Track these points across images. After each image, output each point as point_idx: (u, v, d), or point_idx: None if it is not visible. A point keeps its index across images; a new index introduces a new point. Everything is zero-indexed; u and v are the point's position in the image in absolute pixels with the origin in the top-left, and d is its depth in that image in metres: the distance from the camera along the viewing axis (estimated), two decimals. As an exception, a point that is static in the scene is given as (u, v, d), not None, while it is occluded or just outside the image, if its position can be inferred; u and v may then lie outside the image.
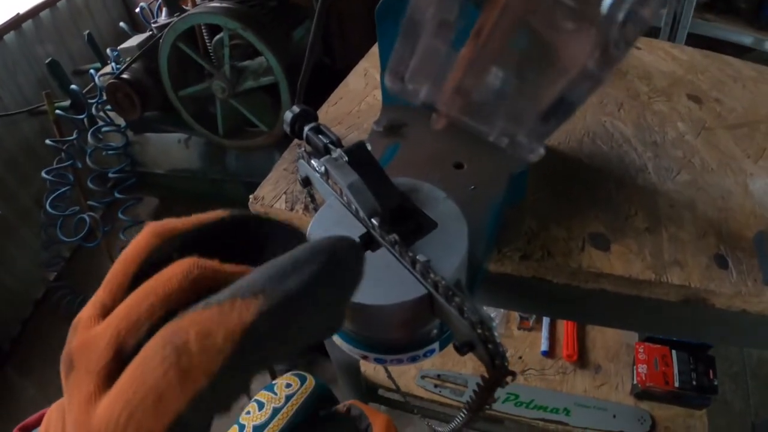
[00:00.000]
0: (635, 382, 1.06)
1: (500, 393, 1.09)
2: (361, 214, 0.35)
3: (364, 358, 0.37)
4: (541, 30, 0.18)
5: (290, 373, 0.94)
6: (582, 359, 1.15)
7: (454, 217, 0.35)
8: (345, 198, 0.37)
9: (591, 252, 0.53)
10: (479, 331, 0.28)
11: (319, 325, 0.18)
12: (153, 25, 1.53)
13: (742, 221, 0.59)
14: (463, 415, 0.42)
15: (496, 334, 0.28)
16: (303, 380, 0.90)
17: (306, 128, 0.46)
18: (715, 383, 1.03)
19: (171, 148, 1.74)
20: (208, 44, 1.46)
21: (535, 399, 1.07)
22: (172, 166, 1.75)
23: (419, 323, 0.33)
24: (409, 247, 0.33)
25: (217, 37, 1.41)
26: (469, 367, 1.15)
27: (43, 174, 1.65)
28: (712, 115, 0.76)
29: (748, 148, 0.70)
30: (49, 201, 1.66)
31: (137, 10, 1.81)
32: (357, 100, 0.79)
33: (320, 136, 0.44)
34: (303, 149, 0.44)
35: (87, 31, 1.79)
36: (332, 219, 0.37)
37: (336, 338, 0.37)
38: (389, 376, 0.84)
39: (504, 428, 1.10)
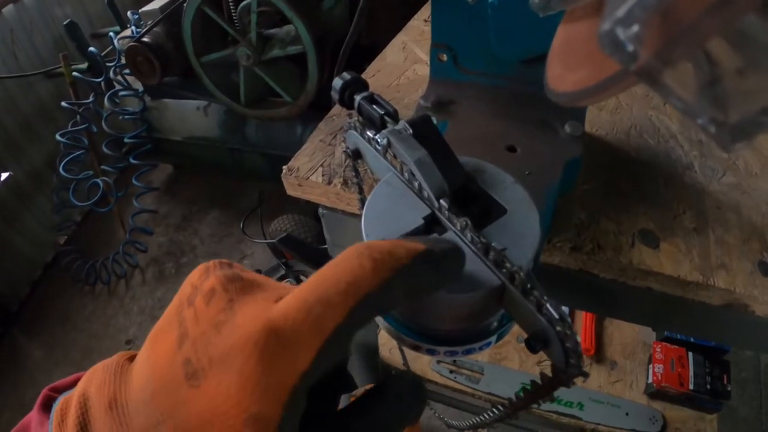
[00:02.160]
0: (650, 381, 1.06)
1: (515, 385, 1.08)
2: (426, 193, 0.33)
3: (416, 348, 0.35)
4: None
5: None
6: (599, 354, 1.14)
7: (525, 203, 0.33)
8: (406, 174, 0.35)
9: (641, 249, 0.51)
10: (558, 328, 0.26)
11: (440, 282, 0.24)
12: (178, -11, 1.50)
13: (788, 228, 0.57)
14: (496, 412, 0.41)
15: (574, 331, 0.26)
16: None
17: (358, 97, 0.43)
18: (729, 388, 1.02)
19: (189, 115, 1.72)
20: (233, 10, 1.43)
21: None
22: (190, 134, 1.73)
23: (483, 316, 0.32)
24: (480, 232, 0.31)
25: (244, 2, 1.37)
26: (486, 355, 1.14)
27: (58, 137, 1.64)
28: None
29: (790, 152, 0.68)
30: (62, 164, 1.65)
31: (160, -29, 1.77)
32: (396, 73, 0.77)
33: (374, 106, 0.42)
34: (356, 119, 0.42)
35: (107, -8, 1.75)
36: (391, 197, 0.35)
37: (386, 325, 0.36)
38: (404, 362, 0.83)
39: (517, 420, 1.09)
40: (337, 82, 0.46)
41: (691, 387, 1.03)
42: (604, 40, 0.16)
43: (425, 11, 0.94)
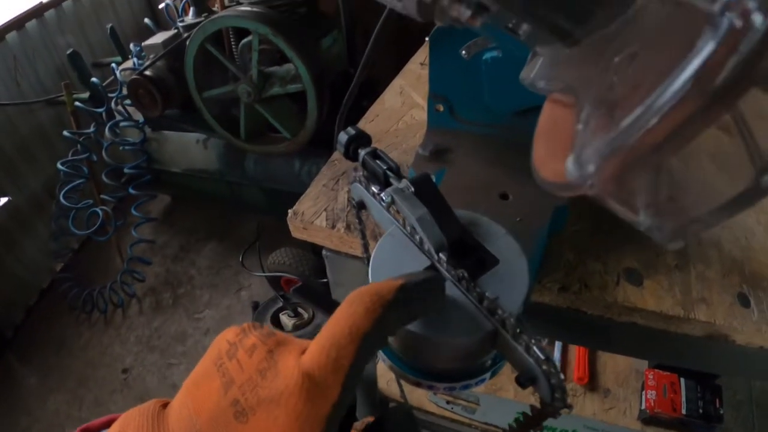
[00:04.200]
0: (643, 407, 1.09)
1: (510, 414, 1.11)
2: (427, 246, 0.37)
3: (417, 384, 0.39)
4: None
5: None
6: (592, 382, 1.18)
7: (515, 253, 0.38)
8: (408, 228, 0.39)
9: (625, 287, 0.55)
10: (544, 367, 0.30)
11: (427, 307, 0.31)
12: (179, 24, 1.56)
13: (763, 261, 0.61)
14: None
15: (558, 369, 0.31)
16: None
17: (362, 152, 0.48)
18: (721, 412, 1.06)
19: (189, 148, 1.76)
20: (234, 47, 1.49)
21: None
22: (189, 166, 1.78)
23: (478, 355, 0.36)
24: (475, 282, 0.35)
25: (244, 40, 1.43)
26: (481, 386, 1.17)
27: (59, 165, 1.68)
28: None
29: (770, 187, 0.73)
30: (62, 192, 1.69)
31: (161, 6, 1.84)
32: (394, 118, 0.82)
33: (378, 161, 0.46)
34: (361, 173, 0.46)
35: (110, 24, 1.82)
36: (394, 248, 0.39)
37: (390, 363, 0.40)
38: (402, 394, 0.86)
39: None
40: (342, 137, 0.51)
41: (683, 412, 1.06)
42: (568, 171, 0.20)
43: (421, 54, 0.99)
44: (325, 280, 1.72)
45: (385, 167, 0.45)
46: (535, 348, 0.30)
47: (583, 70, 0.21)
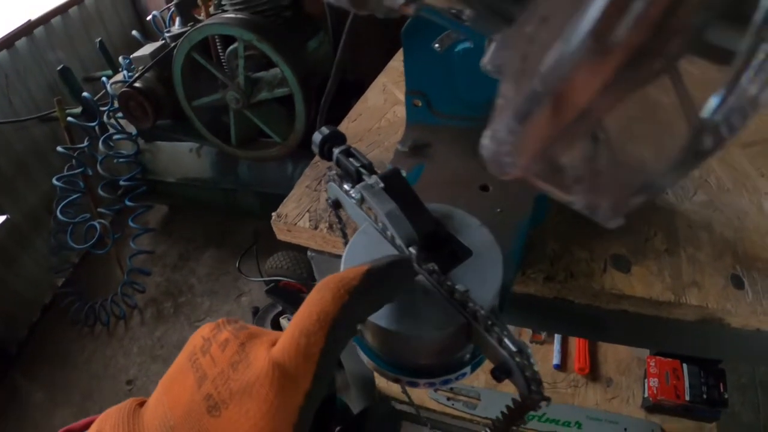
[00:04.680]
0: (646, 395, 1.08)
1: (512, 405, 1.10)
2: (398, 241, 0.36)
3: (397, 381, 0.38)
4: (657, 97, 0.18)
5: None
6: (594, 372, 1.16)
7: (489, 245, 0.37)
8: (380, 224, 0.38)
9: (613, 274, 0.54)
10: (517, 359, 0.29)
11: (394, 290, 0.30)
12: (166, 35, 1.56)
13: (757, 241, 0.60)
14: None
15: (533, 361, 0.29)
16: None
17: (336, 151, 0.47)
18: (726, 396, 1.04)
19: (182, 157, 1.76)
20: (221, 55, 1.48)
21: (547, 412, 1.08)
22: (184, 175, 1.77)
23: (455, 350, 0.35)
24: (446, 275, 0.34)
25: (231, 47, 1.43)
26: (482, 381, 1.16)
27: (54, 181, 1.68)
28: (727, 134, 0.77)
29: (761, 166, 0.72)
30: (59, 207, 1.68)
31: (149, 18, 1.84)
32: (377, 116, 0.81)
33: (351, 159, 0.45)
34: (334, 172, 0.45)
35: (99, 39, 1.82)
36: (367, 245, 0.38)
37: (369, 362, 0.39)
38: (404, 391, 0.85)
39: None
40: (316, 137, 0.50)
41: (687, 398, 1.05)
42: (484, 151, 0.19)
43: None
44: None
45: (358, 165, 0.44)
46: (506, 340, 0.29)
47: (516, 46, 0.20)
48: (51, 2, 1.98)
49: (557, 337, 1.22)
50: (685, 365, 1.09)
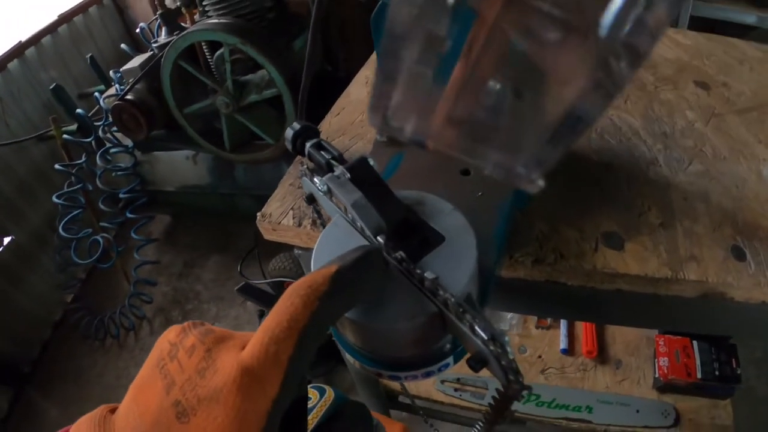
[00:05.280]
0: (657, 375, 1.05)
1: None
2: (367, 232, 0.34)
3: (379, 375, 0.36)
4: (535, 47, 0.17)
5: (310, 386, 0.94)
6: (602, 355, 1.14)
7: (462, 229, 0.35)
8: (350, 215, 0.36)
9: (605, 252, 0.51)
10: (491, 347, 0.27)
11: (366, 287, 0.29)
12: (153, 45, 1.55)
13: (757, 210, 0.57)
14: (479, 427, 0.42)
15: (509, 349, 0.27)
16: (322, 393, 0.90)
17: (307, 145, 0.45)
18: (738, 372, 1.01)
19: (179, 165, 1.75)
20: (209, 60, 1.47)
21: (557, 398, 1.05)
22: (182, 183, 1.77)
23: (432, 340, 0.33)
24: (417, 263, 0.32)
25: (218, 52, 1.41)
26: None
27: (54, 198, 1.67)
28: (721, 101, 0.75)
29: (759, 132, 0.69)
30: (62, 224, 1.68)
31: (137, 30, 1.83)
32: (360, 109, 0.79)
33: (322, 152, 0.43)
34: (305, 166, 0.44)
35: (89, 54, 1.81)
36: (338, 237, 0.37)
37: (350, 357, 0.37)
38: (402, 386, 0.83)
39: (527, 429, 1.08)
40: (288, 132, 0.48)
41: (699, 376, 1.02)
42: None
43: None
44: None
45: (328, 156, 0.43)
46: (478, 327, 0.27)
47: None
48: (40, 22, 1.97)
49: (563, 322, 1.20)
50: (695, 342, 1.06)
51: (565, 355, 1.15)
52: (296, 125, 0.48)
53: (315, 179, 0.40)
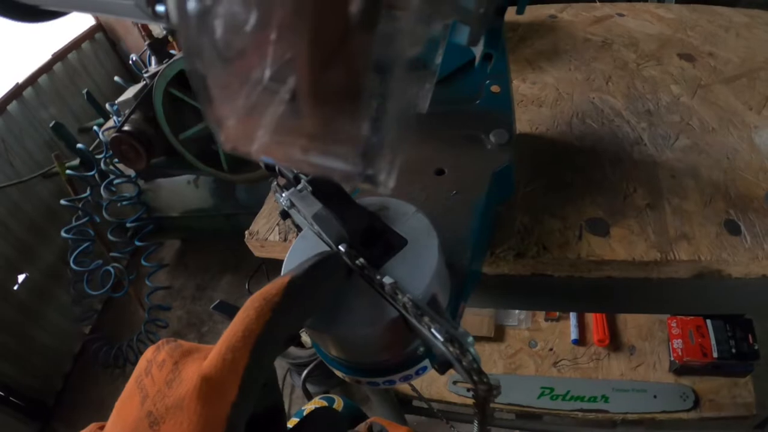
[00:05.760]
0: (672, 358, 1.02)
1: (534, 390, 1.06)
2: (329, 241, 0.34)
3: (357, 382, 0.36)
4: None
5: (319, 397, 0.94)
6: (615, 342, 1.11)
7: (425, 231, 0.34)
8: (315, 227, 0.36)
9: (589, 239, 0.50)
10: (450, 349, 0.26)
11: (322, 293, 0.30)
12: (145, 75, 1.56)
13: (751, 179, 0.55)
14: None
15: (471, 350, 0.27)
16: (331, 402, 0.90)
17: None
18: (756, 348, 0.98)
19: (182, 190, 1.77)
20: (199, 84, 1.48)
21: (571, 390, 1.03)
22: (186, 207, 1.78)
23: (401, 344, 0.32)
24: (380, 268, 0.32)
25: (207, 75, 1.42)
26: (500, 367, 1.12)
27: (63, 233, 1.70)
28: (707, 71, 0.73)
29: (749, 99, 0.67)
30: (72, 258, 1.70)
31: (130, 62, 1.85)
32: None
33: (289, 166, 0.43)
34: (275, 182, 0.43)
35: (85, 90, 1.84)
36: (306, 249, 0.36)
37: (333, 368, 0.37)
38: (412, 388, 0.82)
39: (543, 424, 1.06)
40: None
41: (715, 355, 0.99)
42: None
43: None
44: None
45: (295, 171, 0.42)
46: (434, 330, 0.26)
47: None
48: (35, 62, 2.01)
49: (572, 314, 1.18)
50: (708, 321, 1.03)
51: (576, 345, 1.13)
52: None
53: (283, 194, 0.40)
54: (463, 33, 0.35)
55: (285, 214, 0.45)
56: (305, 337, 1.27)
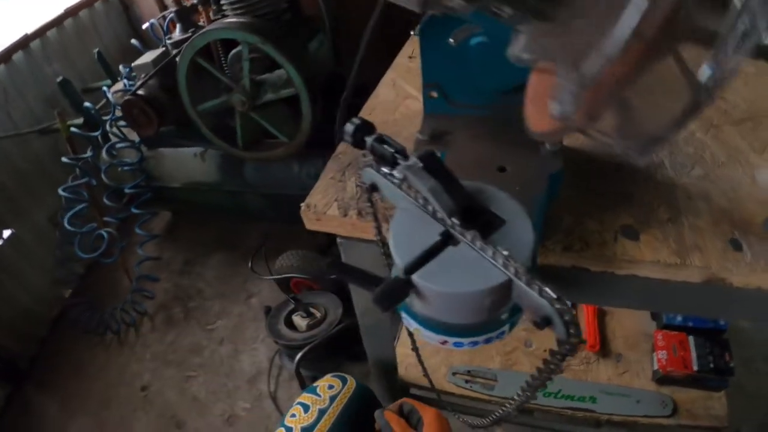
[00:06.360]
0: (656, 368, 1.14)
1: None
2: (439, 214, 0.42)
3: (444, 343, 0.44)
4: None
5: (330, 374, 1.00)
6: (604, 349, 1.23)
7: (519, 213, 0.43)
8: (420, 201, 0.44)
9: (623, 242, 0.60)
10: (557, 306, 0.35)
11: None
12: (168, 42, 1.61)
13: (752, 208, 0.66)
14: (516, 398, 0.49)
15: (570, 305, 0.35)
16: (344, 381, 0.97)
17: (369, 139, 0.53)
18: (731, 365, 1.11)
19: (187, 162, 1.80)
20: (222, 59, 1.53)
21: (563, 389, 1.14)
22: (189, 180, 1.82)
23: (496, 307, 0.41)
24: (487, 240, 0.40)
25: (234, 51, 1.48)
26: (497, 362, 1.22)
27: (60, 191, 1.72)
28: (719, 113, 0.84)
29: (753, 141, 0.78)
30: (66, 218, 1.72)
31: (145, 26, 1.89)
32: (391, 109, 0.87)
33: (385, 145, 0.51)
34: (370, 158, 0.51)
35: (96, 49, 1.86)
36: (409, 222, 0.44)
37: (416, 327, 0.45)
38: (425, 374, 0.91)
39: (534, 419, 1.17)
40: (348, 128, 0.55)
41: (695, 368, 1.11)
42: (552, 114, 0.26)
43: (408, 48, 1.05)
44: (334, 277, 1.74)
45: (392, 150, 0.50)
46: (547, 290, 0.35)
47: (558, 38, 0.26)
48: (46, 15, 2.02)
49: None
50: (691, 337, 1.16)
51: (568, 349, 1.24)
52: (356, 120, 0.55)
53: (384, 169, 0.48)
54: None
55: (374, 188, 0.53)
56: (298, 320, 1.35)
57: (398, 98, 0.90)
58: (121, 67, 1.74)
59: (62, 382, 1.83)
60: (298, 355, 1.50)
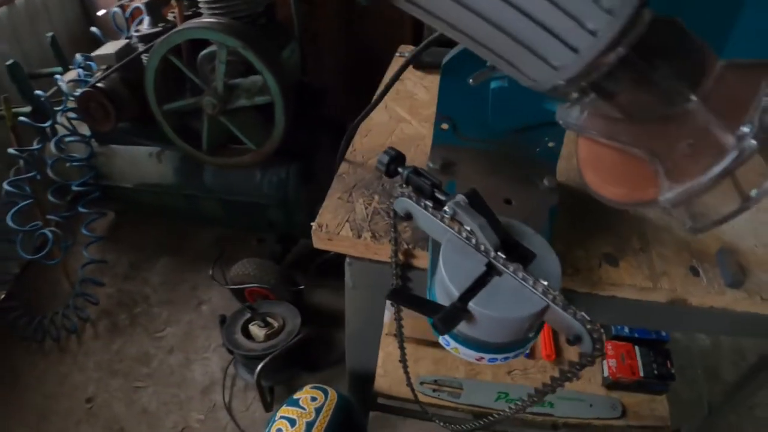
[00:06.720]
0: (606, 374, 1.29)
1: (491, 393, 1.26)
2: (483, 247, 0.49)
3: (479, 359, 0.52)
4: None
5: (309, 386, 1.03)
6: (559, 358, 1.37)
7: (546, 248, 0.51)
8: (463, 234, 0.51)
9: (606, 267, 0.71)
10: (588, 327, 0.43)
11: None
12: (134, 35, 1.57)
13: (706, 242, 0.79)
14: (524, 401, 0.58)
15: (598, 326, 0.44)
16: (326, 393, 1.01)
17: (404, 171, 0.60)
18: (672, 371, 1.29)
19: (141, 162, 1.76)
20: (192, 59, 1.52)
21: (523, 396, 1.25)
22: (142, 180, 1.77)
23: (531, 328, 0.49)
24: (526, 271, 0.48)
25: (205, 51, 1.47)
26: (462, 372, 1.32)
27: (6, 186, 1.62)
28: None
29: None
30: (10, 214, 1.63)
31: (100, 13, 1.82)
32: (386, 132, 0.93)
33: (422, 178, 0.58)
34: (408, 189, 0.58)
35: (51, 33, 1.76)
36: (456, 253, 0.51)
37: (455, 346, 0.52)
38: (408, 383, 0.97)
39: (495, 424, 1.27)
40: (383, 157, 0.62)
41: (641, 374, 1.28)
42: (663, 201, 0.34)
43: (392, 71, 1.11)
44: (294, 288, 1.76)
45: (429, 183, 0.57)
46: (583, 314, 0.43)
47: (657, 138, 0.35)
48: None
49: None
50: (637, 347, 1.33)
51: (527, 358, 1.37)
52: (391, 151, 0.62)
53: (425, 202, 0.55)
54: (558, 106, 0.53)
55: (408, 216, 0.59)
56: (255, 330, 1.39)
57: (392, 121, 0.96)
58: (78, 56, 1.67)
59: (-2, 392, 1.72)
60: (259, 366, 1.50)
